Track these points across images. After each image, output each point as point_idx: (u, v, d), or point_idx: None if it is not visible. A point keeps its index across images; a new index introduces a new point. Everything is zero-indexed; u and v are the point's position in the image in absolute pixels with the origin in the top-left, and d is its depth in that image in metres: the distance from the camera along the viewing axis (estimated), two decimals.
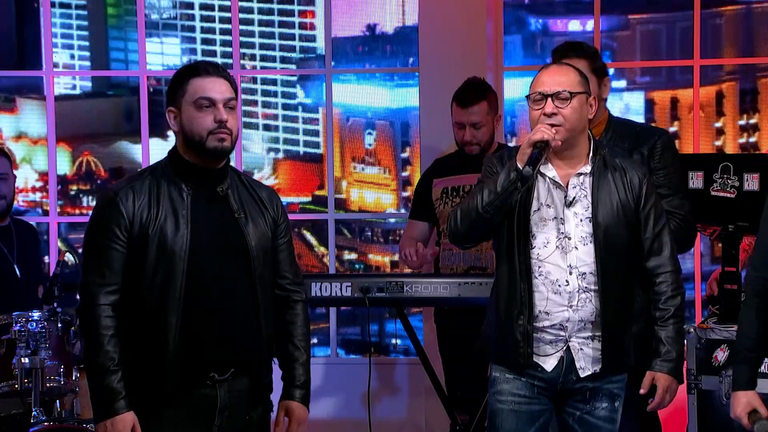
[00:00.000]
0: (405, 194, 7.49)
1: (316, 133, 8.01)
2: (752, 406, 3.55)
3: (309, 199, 7.73)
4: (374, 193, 7.77)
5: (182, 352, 3.46)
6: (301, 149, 8.12)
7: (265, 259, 3.58)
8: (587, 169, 3.71)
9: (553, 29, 7.73)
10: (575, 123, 3.64)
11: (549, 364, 3.68)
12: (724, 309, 4.31)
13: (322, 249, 7.74)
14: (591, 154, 3.72)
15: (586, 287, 3.65)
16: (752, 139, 7.53)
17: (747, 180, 4.31)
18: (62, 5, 8.26)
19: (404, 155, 7.78)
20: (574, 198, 3.67)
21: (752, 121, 7.60)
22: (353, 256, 8.27)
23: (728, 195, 4.33)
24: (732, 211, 4.29)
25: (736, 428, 3.87)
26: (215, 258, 3.49)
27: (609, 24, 7.23)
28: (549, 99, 3.62)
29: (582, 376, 3.68)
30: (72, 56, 8.59)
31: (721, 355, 4.19)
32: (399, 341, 7.75)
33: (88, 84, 8.70)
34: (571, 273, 3.64)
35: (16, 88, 8.12)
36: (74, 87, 8.59)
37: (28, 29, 8.03)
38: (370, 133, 7.77)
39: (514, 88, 6.55)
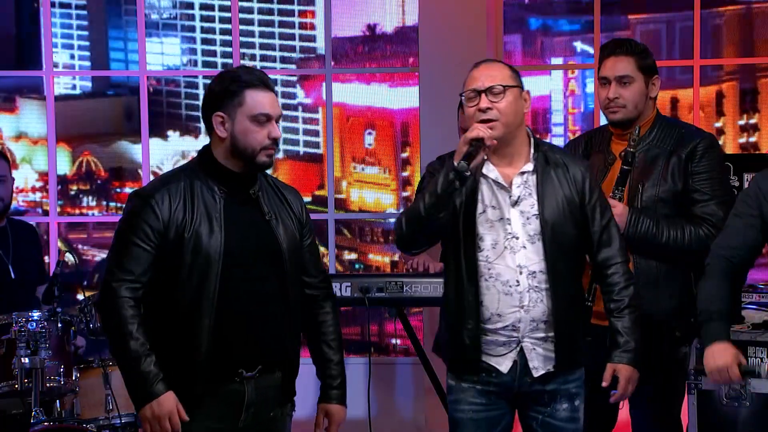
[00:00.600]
0: (405, 194, 7.49)
1: (316, 133, 8.01)
2: (739, 356, 3.70)
3: (309, 199, 7.73)
4: (374, 193, 7.78)
5: (213, 353, 3.48)
6: (301, 149, 8.13)
7: (295, 259, 3.61)
8: (530, 167, 3.69)
9: (553, 29, 7.74)
10: (511, 117, 3.63)
11: (504, 366, 3.67)
12: None
13: (322, 249, 7.73)
14: (532, 150, 3.71)
15: (536, 286, 3.64)
16: (752, 139, 7.53)
17: (747, 180, 4.32)
18: (62, 5, 8.26)
19: (404, 155, 7.79)
20: (519, 197, 3.66)
21: (752, 121, 7.60)
22: (353, 256, 8.27)
23: None
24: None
25: (736, 428, 3.87)
26: (247, 260, 3.52)
27: (609, 24, 7.23)
28: (483, 94, 3.62)
29: (535, 376, 3.67)
30: (72, 56, 8.59)
31: None
32: (399, 341, 7.76)
33: (88, 84, 8.70)
34: (521, 273, 3.63)
35: (16, 88, 8.12)
36: (74, 87, 8.59)
37: (28, 29, 8.03)
38: (369, 133, 7.78)
39: None
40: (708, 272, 3.88)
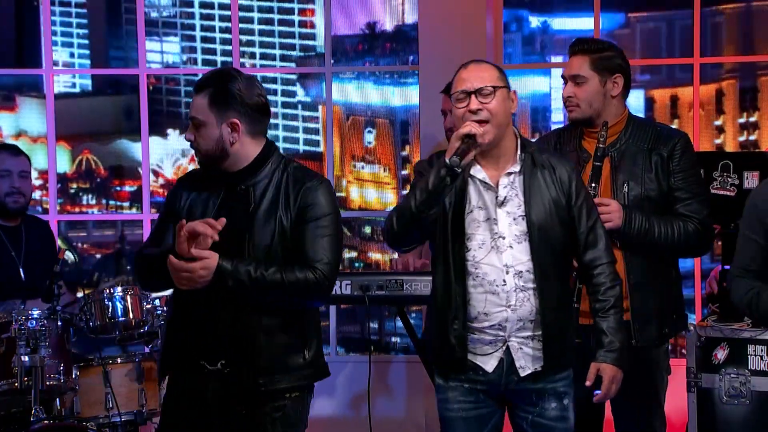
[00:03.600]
0: (405, 192, 7.50)
1: (315, 132, 8.02)
2: None
3: None
4: (374, 192, 7.78)
5: (172, 340, 3.69)
6: (301, 147, 8.14)
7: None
8: (516, 167, 3.69)
9: (552, 28, 7.74)
10: (501, 117, 3.64)
11: (489, 365, 3.67)
12: (723, 307, 4.31)
13: None
14: (519, 151, 3.71)
15: (523, 286, 3.64)
16: (752, 137, 7.54)
17: (747, 178, 4.32)
18: (62, 4, 8.26)
19: (404, 153, 7.79)
20: (506, 198, 3.67)
21: (752, 119, 7.61)
22: (353, 254, 8.28)
23: (728, 193, 4.33)
24: (732, 209, 4.29)
25: (735, 426, 3.88)
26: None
27: (609, 22, 7.23)
28: (473, 96, 3.62)
29: (522, 375, 3.67)
30: (72, 54, 8.60)
31: (720, 353, 4.19)
32: (399, 339, 7.76)
33: (88, 82, 8.71)
34: (507, 272, 3.63)
35: (15, 86, 8.13)
36: (74, 85, 8.60)
37: (28, 28, 8.03)
38: (369, 132, 7.78)
39: (514, 87, 6.54)
40: (733, 288, 3.94)
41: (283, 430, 3.66)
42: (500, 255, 3.63)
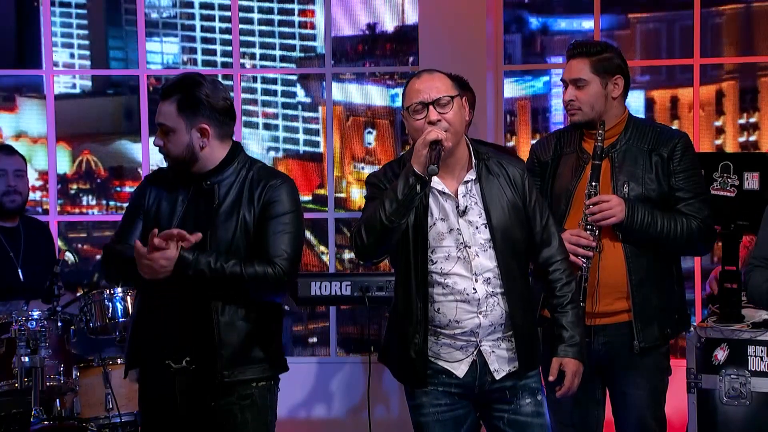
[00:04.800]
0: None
1: (316, 132, 8.02)
2: None
3: (309, 198, 7.74)
4: None
5: (141, 334, 3.77)
6: (301, 148, 8.13)
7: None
8: (472, 175, 3.69)
9: (553, 28, 7.74)
10: (458, 126, 3.63)
11: (460, 370, 3.68)
12: (724, 308, 4.31)
13: (322, 248, 7.74)
14: (473, 159, 3.71)
15: (492, 292, 3.65)
16: (752, 138, 7.53)
17: (747, 179, 4.32)
18: (62, 4, 8.26)
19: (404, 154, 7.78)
20: (466, 207, 3.67)
21: (752, 119, 7.60)
22: (353, 255, 8.27)
23: (728, 194, 4.33)
24: (732, 210, 4.29)
25: (735, 427, 3.88)
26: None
27: (609, 23, 7.23)
28: (431, 106, 3.61)
29: (498, 378, 3.69)
30: (72, 55, 8.59)
31: (720, 354, 4.19)
32: None
33: (88, 83, 8.70)
34: (476, 280, 3.64)
35: (15, 87, 8.13)
36: (74, 86, 8.60)
37: (28, 28, 8.03)
38: (369, 132, 7.78)
39: (514, 87, 6.56)
40: (749, 273, 3.95)
41: (252, 417, 3.75)
42: (469, 264, 3.64)
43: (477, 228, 3.66)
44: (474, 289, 3.63)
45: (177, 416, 3.72)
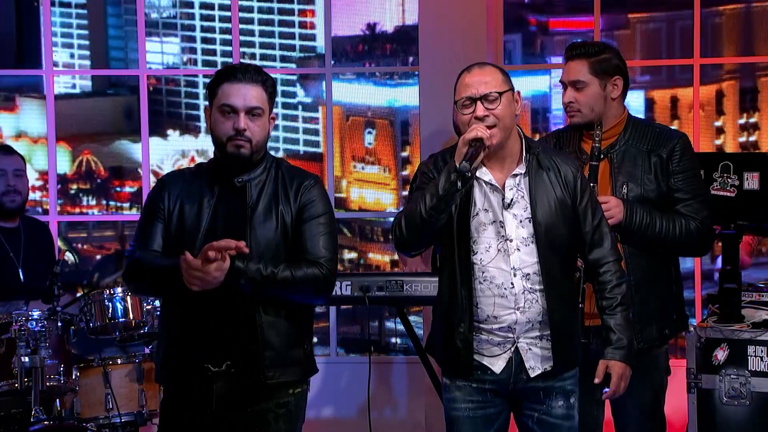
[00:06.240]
0: (405, 193, 7.49)
1: (315, 132, 8.02)
2: None
3: None
4: (374, 192, 7.78)
5: (181, 339, 3.64)
6: (301, 148, 8.13)
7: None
8: (522, 169, 3.69)
9: (553, 28, 7.74)
10: (507, 121, 3.63)
11: (497, 366, 3.68)
12: (724, 308, 4.31)
13: None
14: (524, 153, 3.71)
15: (531, 288, 3.64)
16: (752, 138, 7.53)
17: (747, 179, 4.32)
18: (62, 4, 8.26)
19: (404, 154, 7.79)
20: (512, 200, 3.66)
21: (752, 120, 7.60)
22: (353, 255, 8.27)
23: (728, 194, 4.33)
24: (732, 210, 4.30)
25: (735, 427, 3.88)
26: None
27: (609, 23, 7.22)
28: (479, 102, 3.61)
29: (532, 375, 3.68)
30: (72, 55, 8.59)
31: (720, 354, 4.19)
32: (399, 340, 7.76)
33: (88, 83, 8.70)
34: (515, 275, 3.64)
35: (16, 87, 8.13)
36: (74, 86, 8.60)
37: (28, 28, 8.03)
38: (369, 132, 7.78)
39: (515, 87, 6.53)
40: None
41: (286, 427, 3.70)
42: (508, 258, 3.64)
43: (521, 222, 3.65)
44: (512, 284, 3.63)
45: (208, 420, 3.64)
